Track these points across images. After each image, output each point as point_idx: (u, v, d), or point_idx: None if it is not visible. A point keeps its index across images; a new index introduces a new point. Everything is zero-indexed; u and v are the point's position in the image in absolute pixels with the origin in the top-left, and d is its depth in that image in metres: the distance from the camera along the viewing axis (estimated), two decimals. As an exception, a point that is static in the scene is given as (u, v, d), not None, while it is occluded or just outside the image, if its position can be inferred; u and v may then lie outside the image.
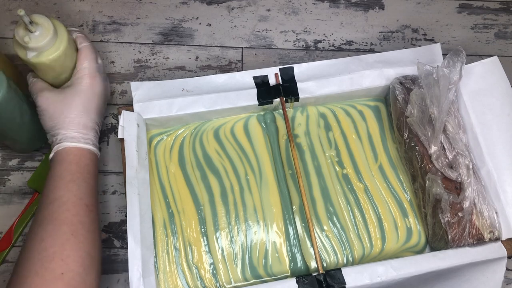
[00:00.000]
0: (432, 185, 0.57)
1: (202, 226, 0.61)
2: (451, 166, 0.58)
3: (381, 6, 0.81)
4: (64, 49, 0.58)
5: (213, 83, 0.64)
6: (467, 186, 0.56)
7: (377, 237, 0.61)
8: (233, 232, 0.61)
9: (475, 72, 0.64)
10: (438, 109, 0.57)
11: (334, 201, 0.63)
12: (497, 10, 0.82)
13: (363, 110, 0.68)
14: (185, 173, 0.64)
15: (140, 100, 0.62)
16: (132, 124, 0.59)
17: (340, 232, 0.61)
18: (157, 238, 0.60)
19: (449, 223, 0.55)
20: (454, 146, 0.58)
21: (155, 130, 0.65)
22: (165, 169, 0.64)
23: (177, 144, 0.65)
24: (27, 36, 0.55)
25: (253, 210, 0.62)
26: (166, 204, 0.62)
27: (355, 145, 0.66)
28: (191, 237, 0.61)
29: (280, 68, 0.65)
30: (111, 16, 0.78)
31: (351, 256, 0.60)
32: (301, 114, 0.67)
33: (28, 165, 0.69)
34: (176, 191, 0.63)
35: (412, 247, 0.62)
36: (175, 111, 0.62)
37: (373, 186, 0.64)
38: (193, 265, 0.59)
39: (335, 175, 0.64)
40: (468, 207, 0.55)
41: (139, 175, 0.57)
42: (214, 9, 0.79)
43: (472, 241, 0.56)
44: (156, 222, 0.61)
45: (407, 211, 0.63)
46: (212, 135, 0.65)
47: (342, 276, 0.54)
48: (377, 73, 0.65)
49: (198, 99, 0.62)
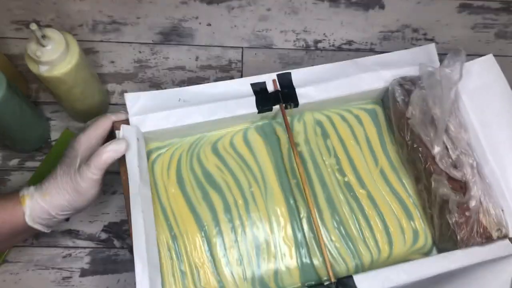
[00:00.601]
0: (438, 186, 0.57)
1: (207, 248, 0.59)
2: (455, 166, 0.58)
3: (381, 6, 0.81)
4: (76, 63, 0.58)
5: (210, 92, 0.62)
6: (472, 185, 0.56)
7: (384, 242, 0.61)
8: (241, 249, 0.59)
9: (471, 71, 0.64)
10: (440, 109, 0.57)
11: (339, 211, 0.62)
12: (498, 10, 0.81)
13: (359, 115, 0.67)
14: (185, 193, 0.61)
15: (136, 113, 0.59)
16: (132, 138, 0.56)
17: (347, 241, 0.60)
18: (161, 261, 0.58)
19: (457, 223, 0.55)
20: (457, 145, 0.58)
21: (153, 144, 0.63)
22: (164, 189, 0.61)
23: (174, 162, 0.62)
24: (39, 50, 0.56)
25: (260, 223, 0.60)
26: (168, 227, 0.59)
27: (354, 150, 0.65)
28: (196, 259, 0.58)
29: (277, 74, 0.64)
30: (111, 16, 0.78)
31: (360, 264, 0.60)
32: (298, 122, 0.66)
33: (28, 165, 0.69)
34: (178, 212, 0.60)
35: (419, 249, 0.61)
36: (173, 122, 0.60)
37: (376, 192, 0.63)
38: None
39: (337, 184, 0.63)
40: (474, 206, 0.55)
41: (141, 191, 0.55)
42: (214, 8, 0.79)
43: (481, 240, 0.56)
44: (160, 244, 0.58)
45: (412, 214, 0.63)
46: (210, 151, 0.63)
47: (354, 283, 0.53)
48: (375, 75, 0.64)
49: (195, 109, 0.60)
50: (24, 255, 0.65)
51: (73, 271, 0.64)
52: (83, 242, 0.66)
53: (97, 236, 0.66)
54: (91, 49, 0.76)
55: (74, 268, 0.64)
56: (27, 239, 0.65)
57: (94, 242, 0.66)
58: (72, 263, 0.65)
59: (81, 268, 0.64)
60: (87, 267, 0.65)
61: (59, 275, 0.64)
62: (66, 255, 0.65)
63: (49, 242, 0.65)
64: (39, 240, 0.65)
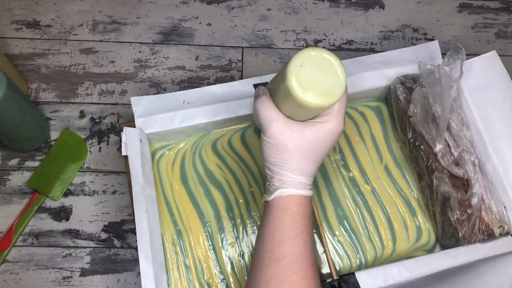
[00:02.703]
0: (439, 184, 0.57)
1: (210, 243, 0.60)
2: (457, 163, 0.58)
3: (381, 6, 0.81)
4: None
5: (213, 94, 0.63)
6: (474, 182, 0.56)
7: (388, 238, 0.61)
8: (242, 246, 0.60)
9: (474, 68, 0.64)
10: (441, 107, 0.57)
11: (344, 205, 0.62)
12: (498, 10, 0.81)
13: (364, 112, 0.68)
14: (188, 190, 0.63)
15: (141, 115, 0.61)
16: (135, 140, 0.58)
17: (351, 235, 0.61)
18: (167, 256, 0.59)
19: (459, 221, 0.55)
20: (458, 143, 0.58)
21: (157, 144, 0.64)
22: (169, 186, 0.63)
23: (178, 159, 0.64)
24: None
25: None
26: (173, 222, 0.61)
27: (359, 147, 0.66)
28: (200, 254, 0.60)
29: None
30: (111, 16, 0.78)
31: (364, 259, 0.60)
32: None
33: (28, 165, 0.69)
34: (182, 208, 0.62)
35: (423, 245, 0.61)
36: (177, 123, 0.61)
37: (380, 187, 0.63)
38: (205, 282, 0.59)
39: (342, 179, 0.64)
40: (476, 203, 0.55)
41: (145, 191, 0.56)
42: (214, 8, 0.79)
43: (483, 237, 0.56)
44: (165, 239, 0.60)
45: (415, 210, 0.63)
46: (210, 149, 0.64)
47: (356, 280, 0.53)
48: (377, 73, 0.65)
49: (199, 111, 0.61)
50: (25, 255, 0.64)
51: (73, 271, 0.64)
52: (83, 242, 0.65)
53: (97, 236, 0.66)
54: (91, 49, 0.76)
55: (74, 268, 0.64)
56: (27, 239, 0.65)
57: (94, 242, 0.65)
58: (72, 262, 0.64)
59: (81, 268, 0.64)
60: (87, 266, 0.64)
61: (59, 274, 0.64)
62: (66, 255, 0.65)
63: (50, 242, 0.65)
64: (39, 240, 0.65)
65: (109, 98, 0.73)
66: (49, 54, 0.75)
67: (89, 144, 0.70)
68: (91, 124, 0.71)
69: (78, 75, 0.74)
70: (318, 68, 0.42)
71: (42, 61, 0.75)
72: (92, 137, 0.71)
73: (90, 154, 0.70)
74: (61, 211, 0.67)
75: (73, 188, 0.68)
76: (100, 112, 0.72)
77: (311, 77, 0.42)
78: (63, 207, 0.67)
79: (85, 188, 0.68)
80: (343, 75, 0.43)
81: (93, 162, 0.69)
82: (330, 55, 0.43)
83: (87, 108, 0.72)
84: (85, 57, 0.75)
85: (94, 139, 0.70)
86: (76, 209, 0.67)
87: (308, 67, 0.42)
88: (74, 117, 0.72)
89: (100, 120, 0.71)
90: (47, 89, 0.73)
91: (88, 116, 0.72)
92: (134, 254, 0.65)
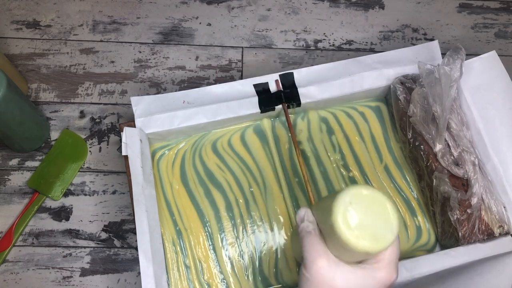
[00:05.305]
0: (439, 184, 0.57)
1: (210, 242, 0.61)
2: (457, 163, 0.58)
3: (381, 6, 0.81)
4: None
5: (214, 94, 0.63)
6: (474, 182, 0.56)
7: None
8: (242, 245, 0.61)
9: (474, 68, 0.64)
10: (441, 107, 0.57)
11: None
12: (497, 10, 0.82)
13: (364, 112, 0.68)
14: (188, 190, 0.63)
15: (142, 115, 0.61)
16: (135, 140, 0.58)
17: None
18: (167, 255, 0.60)
19: (458, 221, 0.55)
20: (458, 143, 0.58)
21: (157, 144, 0.64)
22: (169, 186, 0.63)
23: (178, 159, 0.64)
24: None
25: (260, 221, 0.61)
26: (173, 222, 0.61)
27: (359, 147, 0.66)
28: (200, 254, 0.60)
29: (280, 75, 0.64)
30: (111, 16, 0.78)
31: None
32: (302, 120, 0.66)
33: (28, 165, 0.69)
34: (182, 208, 0.62)
35: (423, 245, 0.61)
36: (178, 123, 0.61)
37: (380, 187, 0.63)
38: (205, 282, 0.59)
39: (342, 179, 0.64)
40: (476, 203, 0.55)
41: (145, 191, 0.57)
42: (214, 8, 0.79)
43: (483, 237, 0.56)
44: (165, 239, 0.60)
45: (415, 210, 0.63)
46: (210, 149, 0.65)
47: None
48: (377, 73, 0.65)
49: (199, 110, 0.62)
50: (25, 255, 0.64)
51: (73, 271, 0.64)
52: (83, 241, 0.65)
53: (97, 235, 0.66)
54: (91, 49, 0.76)
55: (75, 268, 0.64)
56: (27, 239, 0.65)
57: (94, 241, 0.66)
58: (73, 262, 0.65)
59: (81, 268, 0.64)
60: (87, 266, 0.64)
61: (59, 274, 0.64)
62: (66, 255, 0.65)
63: (50, 241, 0.65)
64: (40, 240, 0.65)
65: (109, 98, 0.73)
66: (49, 54, 0.75)
67: (89, 144, 0.70)
68: (91, 124, 0.71)
69: (78, 75, 0.74)
70: (369, 208, 0.39)
71: (42, 61, 0.75)
72: (92, 137, 0.71)
73: (90, 154, 0.70)
74: (61, 211, 0.67)
75: (73, 188, 0.68)
76: (100, 112, 0.72)
77: (360, 217, 0.38)
78: (63, 207, 0.67)
79: (85, 188, 0.68)
80: (396, 220, 0.39)
81: (93, 162, 0.69)
82: (383, 197, 0.39)
83: (87, 108, 0.72)
84: (85, 57, 0.75)
85: (94, 139, 0.71)
86: (76, 209, 0.67)
87: (357, 205, 0.39)
88: (74, 117, 0.72)
89: (100, 120, 0.72)
90: (47, 89, 0.73)
91: (88, 116, 0.72)
92: (134, 254, 0.65)
